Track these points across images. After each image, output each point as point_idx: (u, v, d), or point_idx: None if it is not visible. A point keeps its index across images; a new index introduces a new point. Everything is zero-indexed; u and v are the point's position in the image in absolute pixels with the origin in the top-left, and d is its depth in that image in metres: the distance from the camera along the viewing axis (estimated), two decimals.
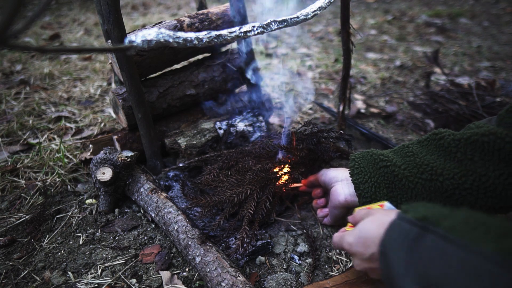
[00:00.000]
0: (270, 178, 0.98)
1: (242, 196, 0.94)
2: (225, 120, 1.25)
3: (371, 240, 0.62)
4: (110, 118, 1.64)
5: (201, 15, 1.19)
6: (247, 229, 0.90)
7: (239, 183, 0.98)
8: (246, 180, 0.97)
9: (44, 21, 3.28)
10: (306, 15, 0.79)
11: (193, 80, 1.25)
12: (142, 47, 0.56)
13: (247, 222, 0.91)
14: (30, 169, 1.27)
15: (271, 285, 0.84)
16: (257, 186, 0.96)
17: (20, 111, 1.66)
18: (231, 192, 0.96)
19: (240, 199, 0.95)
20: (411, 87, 2.03)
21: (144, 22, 3.34)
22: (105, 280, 0.86)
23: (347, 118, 1.49)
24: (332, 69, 2.29)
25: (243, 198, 0.95)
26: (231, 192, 0.96)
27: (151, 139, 1.14)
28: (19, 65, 2.25)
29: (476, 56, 2.51)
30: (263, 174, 0.98)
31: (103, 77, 2.12)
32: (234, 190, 0.96)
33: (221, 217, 0.93)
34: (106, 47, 0.91)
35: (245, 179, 0.98)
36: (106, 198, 1.07)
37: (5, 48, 0.27)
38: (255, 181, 0.96)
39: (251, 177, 0.97)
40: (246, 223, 0.91)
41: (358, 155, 0.90)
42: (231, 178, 1.00)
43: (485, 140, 0.70)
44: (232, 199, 0.94)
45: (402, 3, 4.15)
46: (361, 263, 0.67)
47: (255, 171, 0.99)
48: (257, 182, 0.96)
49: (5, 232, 1.02)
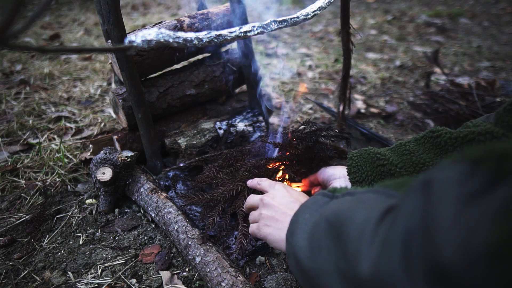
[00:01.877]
0: (262, 175, 0.98)
1: (233, 193, 0.93)
2: (225, 120, 1.25)
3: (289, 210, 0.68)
4: (110, 118, 1.64)
5: (201, 15, 1.19)
6: (245, 225, 0.89)
7: (231, 180, 0.97)
8: (238, 177, 0.97)
9: (44, 21, 3.28)
10: (306, 15, 0.79)
11: (193, 80, 1.25)
12: (142, 47, 0.56)
13: (242, 220, 0.90)
14: (30, 169, 1.27)
15: (271, 285, 0.84)
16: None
17: (20, 111, 1.66)
18: (223, 189, 0.94)
19: (232, 196, 0.93)
20: (411, 87, 2.03)
21: (144, 22, 3.34)
22: (105, 280, 0.86)
23: (347, 118, 1.49)
24: (332, 69, 2.29)
25: (235, 194, 0.93)
26: (223, 189, 0.94)
27: (151, 139, 1.14)
28: (19, 65, 2.25)
29: (476, 56, 2.51)
30: (255, 170, 0.97)
31: (103, 77, 2.12)
32: (226, 187, 0.95)
33: (213, 214, 0.92)
34: (106, 47, 0.91)
35: (237, 176, 0.97)
36: (106, 198, 1.07)
37: (5, 48, 0.27)
38: (246, 178, 0.95)
39: (243, 174, 0.97)
40: (242, 220, 0.90)
41: (355, 153, 0.90)
42: (224, 175, 0.99)
43: (482, 139, 0.70)
44: (224, 196, 0.93)
45: (402, 3, 4.15)
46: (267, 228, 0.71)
47: (248, 167, 0.98)
48: (249, 179, 0.96)
49: (5, 232, 1.01)
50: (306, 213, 0.58)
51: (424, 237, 0.31)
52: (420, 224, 0.32)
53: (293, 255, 0.56)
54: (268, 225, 0.71)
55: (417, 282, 0.31)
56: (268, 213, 0.72)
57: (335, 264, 0.45)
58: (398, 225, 0.35)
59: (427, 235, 0.30)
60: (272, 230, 0.70)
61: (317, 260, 0.49)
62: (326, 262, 0.47)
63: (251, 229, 0.78)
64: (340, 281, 0.44)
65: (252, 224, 0.78)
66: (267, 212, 0.72)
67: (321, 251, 0.48)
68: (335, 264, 0.45)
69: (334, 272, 0.45)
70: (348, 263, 0.42)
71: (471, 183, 0.29)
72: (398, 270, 0.33)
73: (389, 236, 0.36)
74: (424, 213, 0.32)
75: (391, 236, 0.35)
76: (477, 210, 0.27)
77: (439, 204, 0.30)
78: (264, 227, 0.71)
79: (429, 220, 0.30)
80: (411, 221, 0.33)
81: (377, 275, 0.36)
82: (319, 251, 0.49)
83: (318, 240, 0.50)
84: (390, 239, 0.35)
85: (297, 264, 0.54)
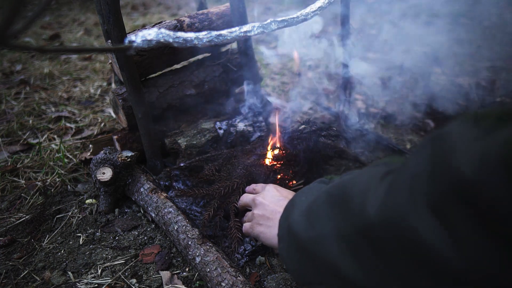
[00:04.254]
0: (259, 173, 0.98)
1: (229, 189, 0.94)
2: (225, 120, 1.25)
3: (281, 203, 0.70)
4: (110, 118, 1.64)
5: (201, 15, 1.19)
6: (237, 220, 0.89)
7: (228, 177, 0.98)
8: (234, 174, 0.98)
9: (44, 21, 3.27)
10: (306, 15, 0.79)
11: (193, 80, 1.25)
12: (142, 47, 0.56)
13: (234, 215, 0.91)
14: (30, 169, 1.27)
15: (271, 285, 0.84)
16: (244, 180, 0.96)
17: (20, 111, 1.66)
18: (219, 184, 0.96)
19: (227, 192, 0.95)
20: (411, 87, 2.03)
21: (144, 22, 3.33)
22: (105, 280, 0.86)
23: (347, 118, 1.49)
24: (332, 69, 2.29)
25: (230, 191, 0.95)
26: (219, 185, 0.96)
27: (151, 139, 1.14)
28: (19, 65, 2.25)
29: (476, 56, 2.51)
30: (252, 168, 0.98)
31: (103, 77, 2.12)
32: (222, 183, 0.96)
33: (208, 210, 0.93)
34: (106, 47, 0.91)
35: (234, 173, 0.98)
36: (106, 198, 1.07)
37: (5, 48, 0.27)
38: (243, 175, 0.96)
39: (240, 171, 0.98)
40: (233, 216, 0.90)
41: None
42: (222, 173, 1.00)
43: None
44: (219, 192, 0.94)
45: None
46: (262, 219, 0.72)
47: (246, 165, 0.99)
48: (245, 176, 0.96)
49: (5, 232, 1.01)
50: (302, 197, 0.58)
51: (437, 167, 0.32)
52: (428, 166, 0.33)
53: (286, 235, 0.55)
54: (260, 224, 0.73)
55: (422, 213, 0.32)
56: (259, 212, 0.74)
57: (334, 227, 0.45)
58: (404, 172, 0.36)
59: (441, 164, 0.31)
60: (264, 228, 0.72)
61: (315, 227, 0.48)
62: (325, 227, 0.46)
63: (244, 229, 0.80)
64: (338, 242, 0.44)
65: (246, 224, 0.80)
66: (259, 212, 0.75)
67: (320, 220, 0.48)
68: (334, 227, 0.45)
69: (333, 235, 0.45)
70: (352, 217, 0.42)
71: (482, 124, 0.31)
72: (405, 205, 0.34)
73: (395, 181, 0.37)
74: (433, 157, 0.32)
75: (397, 182, 0.36)
76: (490, 137, 0.29)
77: (454, 139, 0.31)
78: (257, 226, 0.73)
79: (441, 154, 0.32)
80: (419, 166, 0.34)
81: (385, 212, 0.36)
82: (317, 220, 0.48)
83: (316, 212, 0.50)
84: (397, 183, 0.36)
85: (291, 241, 0.54)
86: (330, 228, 0.45)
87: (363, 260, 0.40)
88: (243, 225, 0.82)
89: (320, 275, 0.49)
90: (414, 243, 0.33)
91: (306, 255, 0.50)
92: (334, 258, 0.44)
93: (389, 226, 0.35)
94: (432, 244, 0.31)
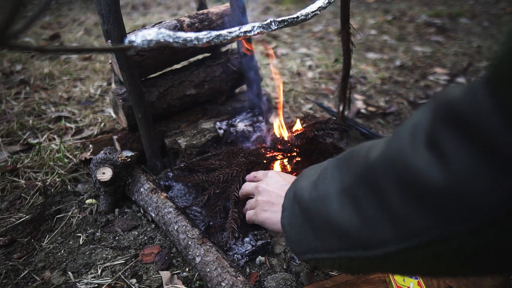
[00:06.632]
0: (259, 162, 0.98)
1: (228, 177, 0.95)
2: (225, 120, 1.25)
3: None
4: (110, 118, 1.64)
5: (201, 15, 1.19)
6: (236, 211, 0.89)
7: (228, 165, 0.99)
8: (234, 162, 0.98)
9: (44, 21, 3.28)
10: (306, 15, 0.79)
11: (193, 80, 1.25)
12: (142, 47, 0.56)
13: (233, 205, 0.91)
14: (30, 169, 1.27)
15: (271, 285, 0.84)
16: (244, 168, 0.96)
17: (20, 111, 1.66)
18: (219, 172, 0.97)
19: (226, 179, 0.95)
20: (411, 87, 2.03)
21: (144, 22, 3.33)
22: (105, 280, 0.86)
23: (347, 118, 1.49)
24: (332, 69, 2.29)
25: (229, 178, 0.95)
26: (218, 172, 0.97)
27: (151, 139, 1.14)
28: (19, 65, 2.25)
29: (476, 56, 2.51)
30: (253, 158, 0.98)
31: (103, 77, 2.12)
32: (221, 170, 0.97)
33: (204, 195, 0.94)
34: (106, 47, 0.91)
35: (234, 161, 0.99)
36: (106, 198, 1.07)
37: (5, 48, 0.27)
38: (243, 163, 0.96)
39: (240, 159, 0.98)
40: (233, 205, 0.90)
41: None
42: (222, 161, 1.01)
43: None
44: (218, 179, 0.95)
45: (402, 3, 4.14)
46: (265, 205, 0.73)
47: (246, 153, 0.99)
48: (245, 165, 0.96)
49: (5, 232, 1.01)
50: (312, 170, 0.58)
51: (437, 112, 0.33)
52: (429, 114, 0.34)
53: (290, 202, 0.55)
54: (265, 210, 0.72)
55: (420, 149, 0.33)
56: (264, 199, 0.74)
57: (338, 182, 0.45)
58: (407, 123, 0.37)
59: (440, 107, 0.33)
60: (269, 214, 0.71)
61: (319, 189, 0.48)
62: (329, 187, 0.47)
63: (248, 216, 0.79)
64: (339, 197, 0.44)
65: (249, 211, 0.79)
66: (263, 198, 0.74)
67: (325, 181, 0.48)
68: (338, 182, 0.45)
69: (335, 192, 0.45)
70: (356, 168, 0.42)
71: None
72: (405, 145, 0.35)
73: (398, 130, 0.38)
74: (435, 107, 0.34)
75: (400, 130, 0.37)
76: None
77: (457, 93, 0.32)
78: (262, 212, 0.73)
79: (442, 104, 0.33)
80: (421, 116, 0.35)
81: (386, 154, 0.37)
82: (323, 182, 0.48)
83: (323, 176, 0.50)
84: (399, 131, 0.37)
85: (294, 206, 0.53)
86: (334, 187, 0.46)
87: (361, 207, 0.40)
88: (247, 213, 0.81)
89: (318, 239, 0.48)
90: (413, 177, 0.34)
91: (307, 217, 0.50)
92: (333, 213, 0.44)
93: (389, 166, 0.36)
94: (427, 175, 0.32)
